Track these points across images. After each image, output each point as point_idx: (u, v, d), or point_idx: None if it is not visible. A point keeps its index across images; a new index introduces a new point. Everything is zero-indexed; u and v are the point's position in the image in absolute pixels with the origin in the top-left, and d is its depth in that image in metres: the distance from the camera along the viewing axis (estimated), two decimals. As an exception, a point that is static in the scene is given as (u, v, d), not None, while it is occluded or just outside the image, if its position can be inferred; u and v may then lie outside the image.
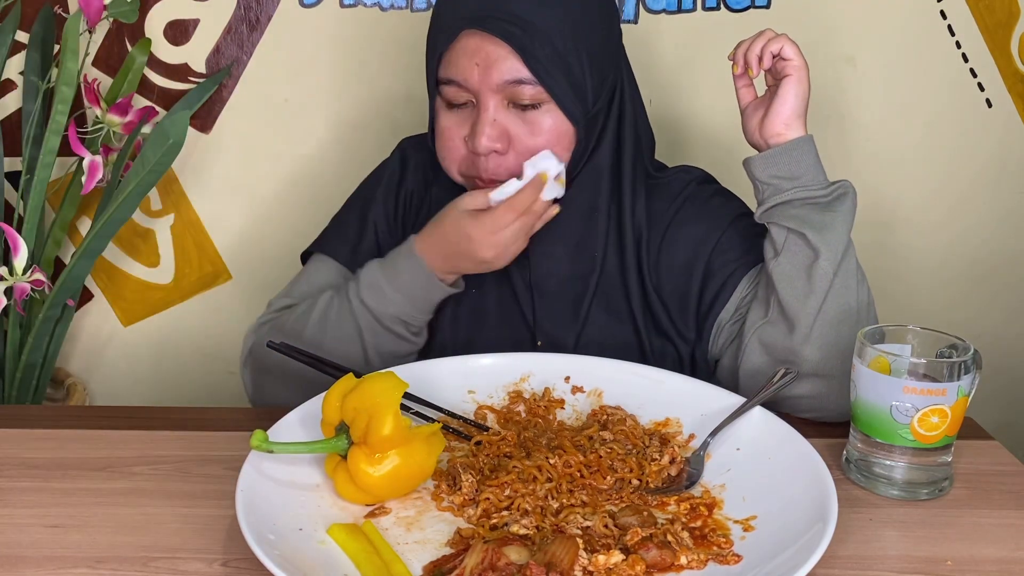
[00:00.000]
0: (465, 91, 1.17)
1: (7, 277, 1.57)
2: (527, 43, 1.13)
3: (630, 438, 1.03)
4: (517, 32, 1.13)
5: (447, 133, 1.20)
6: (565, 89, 1.16)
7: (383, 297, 1.19)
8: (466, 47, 1.15)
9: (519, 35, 1.13)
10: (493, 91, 1.15)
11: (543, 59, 1.14)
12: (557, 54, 1.14)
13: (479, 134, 1.16)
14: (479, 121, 1.16)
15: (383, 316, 1.20)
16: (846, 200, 1.14)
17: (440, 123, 1.21)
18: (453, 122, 1.20)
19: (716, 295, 1.23)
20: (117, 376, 1.96)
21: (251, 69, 1.80)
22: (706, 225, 1.26)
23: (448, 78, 1.17)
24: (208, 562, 0.87)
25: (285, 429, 1.00)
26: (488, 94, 1.15)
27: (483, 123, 1.16)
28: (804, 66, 1.16)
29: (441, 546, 0.88)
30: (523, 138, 1.17)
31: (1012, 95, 1.85)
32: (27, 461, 1.03)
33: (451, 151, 1.21)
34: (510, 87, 1.15)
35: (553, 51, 1.14)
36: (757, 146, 1.20)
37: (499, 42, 1.13)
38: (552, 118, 1.17)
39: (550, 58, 1.14)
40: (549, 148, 1.18)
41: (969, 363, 0.97)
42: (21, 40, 1.75)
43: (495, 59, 1.14)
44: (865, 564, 0.88)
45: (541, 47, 1.13)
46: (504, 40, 1.13)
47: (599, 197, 1.24)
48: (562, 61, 1.15)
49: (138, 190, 1.59)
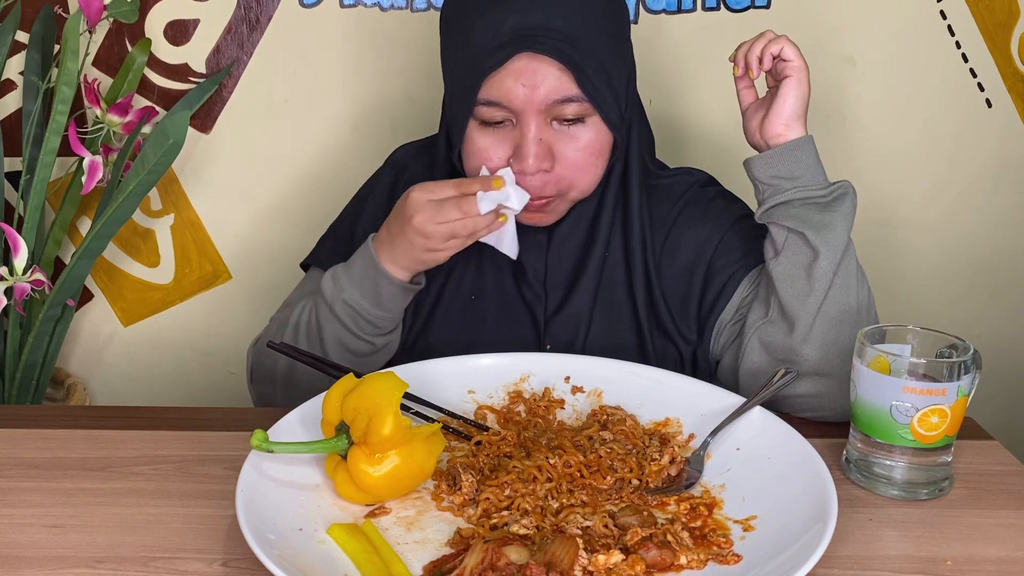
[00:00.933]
0: (505, 110, 1.14)
1: (7, 277, 1.57)
2: (578, 60, 1.11)
3: (630, 438, 1.03)
4: (567, 49, 1.11)
5: (484, 153, 1.16)
6: (609, 100, 1.15)
7: (337, 284, 1.18)
8: (514, 69, 1.12)
9: (569, 52, 1.11)
10: (538, 111, 1.13)
11: (591, 74, 1.12)
12: (602, 66, 1.13)
13: (527, 155, 1.13)
14: (525, 142, 1.13)
15: (335, 302, 1.18)
16: (846, 200, 1.15)
17: (475, 143, 1.17)
18: (490, 142, 1.16)
19: (717, 296, 1.23)
20: (117, 376, 1.96)
21: (251, 69, 1.80)
22: (708, 227, 1.26)
23: (490, 99, 1.14)
24: (208, 562, 0.87)
25: (285, 429, 1.00)
26: (532, 114, 1.13)
27: (529, 143, 1.13)
28: (804, 67, 1.16)
29: (441, 546, 0.88)
30: (566, 153, 1.16)
31: (1012, 95, 1.85)
32: (27, 461, 1.03)
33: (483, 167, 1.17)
34: (556, 106, 1.13)
35: (598, 64, 1.13)
36: (757, 147, 1.20)
37: (550, 62, 1.11)
38: (592, 131, 1.16)
39: (596, 72, 1.13)
40: (591, 159, 1.16)
41: (969, 363, 0.97)
42: (21, 40, 1.75)
43: (543, 78, 1.11)
44: (865, 564, 0.88)
45: (588, 62, 1.12)
46: (556, 59, 1.11)
47: (606, 198, 1.24)
48: (605, 73, 1.14)
49: (138, 190, 1.59)
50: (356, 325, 1.18)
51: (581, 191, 1.20)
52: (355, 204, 1.38)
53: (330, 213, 1.41)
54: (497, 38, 1.12)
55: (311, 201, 1.86)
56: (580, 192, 1.20)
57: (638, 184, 1.24)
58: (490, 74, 1.13)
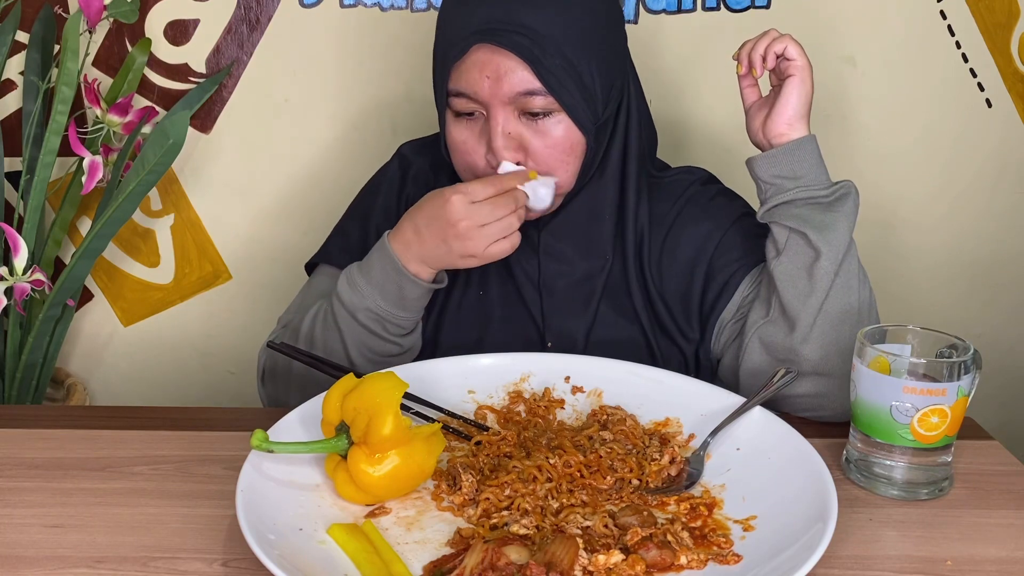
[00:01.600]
0: (475, 103, 1.16)
1: (7, 277, 1.57)
2: (538, 54, 1.12)
3: (630, 438, 1.03)
4: (526, 43, 1.12)
5: (462, 147, 1.19)
6: (576, 99, 1.15)
7: (357, 291, 1.18)
8: (476, 60, 1.14)
9: (529, 46, 1.12)
10: (504, 103, 1.14)
11: (554, 69, 1.13)
12: (568, 63, 1.13)
13: (497, 148, 1.15)
14: (494, 135, 1.15)
15: (357, 310, 1.17)
16: (848, 200, 1.14)
17: (453, 135, 1.20)
18: (465, 135, 1.18)
19: (718, 295, 1.23)
20: (117, 376, 1.96)
21: (251, 69, 1.80)
22: (709, 225, 1.26)
23: (458, 90, 1.16)
24: (208, 562, 0.87)
25: (285, 429, 1.00)
26: (498, 106, 1.14)
27: (496, 135, 1.15)
28: (808, 66, 1.16)
29: (441, 546, 0.88)
30: (536, 147, 1.16)
31: (1012, 95, 1.85)
32: (27, 461, 1.03)
33: (469, 167, 1.20)
34: (521, 98, 1.14)
35: (564, 61, 1.13)
36: (760, 146, 1.20)
37: (509, 54, 1.12)
38: (563, 127, 1.16)
39: (561, 68, 1.13)
40: (562, 156, 1.17)
41: (969, 363, 0.97)
42: (21, 40, 1.75)
43: (505, 71, 1.13)
44: (865, 564, 0.88)
45: (552, 57, 1.12)
46: (514, 52, 1.12)
47: (605, 199, 1.24)
48: (573, 70, 1.14)
49: (138, 190, 1.59)
50: (384, 329, 1.18)
51: (556, 186, 1.19)
52: (363, 200, 1.37)
53: (330, 213, 1.41)
54: (463, 29, 1.14)
55: (311, 201, 1.86)
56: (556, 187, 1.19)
57: (635, 185, 1.24)
58: (454, 64, 1.15)
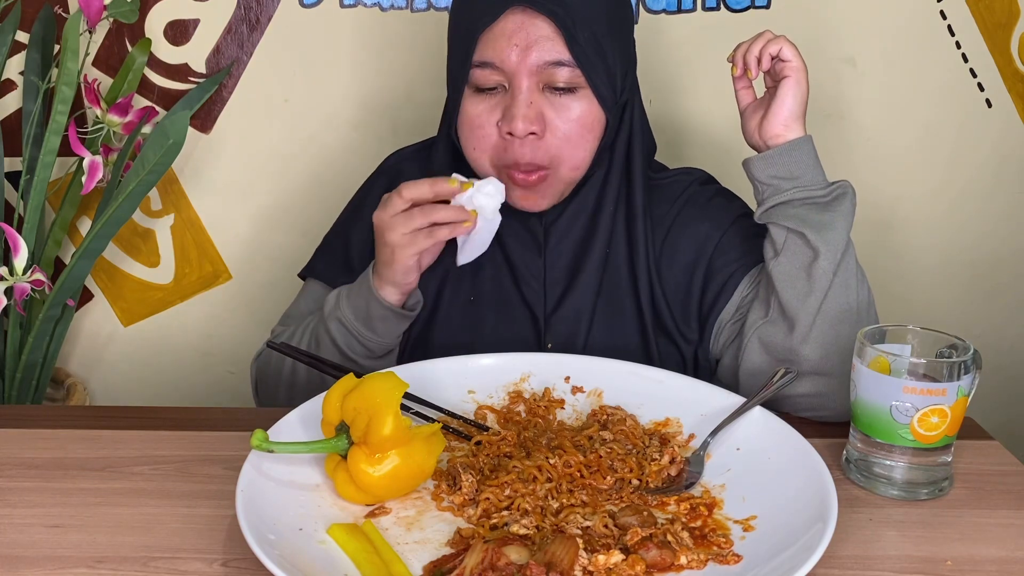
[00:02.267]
0: (499, 73, 1.15)
1: (7, 277, 1.57)
2: (570, 25, 1.13)
3: (630, 438, 1.03)
4: (561, 13, 1.12)
5: (477, 120, 1.18)
6: (601, 75, 1.15)
7: (338, 304, 1.19)
8: (507, 27, 1.13)
9: (563, 16, 1.12)
10: (530, 73, 1.14)
11: (583, 42, 1.13)
12: (595, 39, 1.14)
13: (516, 116, 1.14)
14: (515, 103, 1.14)
15: (330, 319, 1.19)
16: (845, 200, 1.15)
17: (467, 110, 1.18)
18: (482, 108, 1.17)
19: (717, 295, 1.23)
20: (117, 376, 1.96)
21: (251, 69, 1.80)
22: (707, 225, 1.26)
23: (484, 60, 1.15)
24: (208, 562, 0.87)
25: (285, 429, 1.00)
26: (523, 76, 1.14)
27: (520, 104, 1.14)
28: (803, 67, 1.16)
29: (441, 546, 0.88)
30: (556, 123, 1.16)
31: (1012, 95, 1.85)
32: (27, 461, 1.03)
33: (482, 139, 1.18)
34: (548, 69, 1.14)
35: (592, 35, 1.14)
36: (756, 147, 1.20)
37: (543, 21, 1.13)
38: (584, 104, 1.16)
39: (589, 42, 1.14)
40: (582, 132, 1.17)
41: (969, 363, 0.97)
42: (21, 40, 1.75)
43: (536, 39, 1.13)
44: (865, 564, 0.88)
45: (582, 31, 1.13)
46: (550, 18, 1.12)
47: (606, 196, 1.24)
48: (599, 47, 1.15)
49: (138, 190, 1.59)
50: (347, 345, 1.18)
51: (571, 167, 1.19)
52: (349, 214, 1.37)
53: (330, 213, 1.41)
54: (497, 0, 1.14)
55: (311, 201, 1.86)
56: (570, 168, 1.19)
57: (641, 181, 1.24)
58: (484, 31, 1.14)
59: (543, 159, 1.17)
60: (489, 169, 1.20)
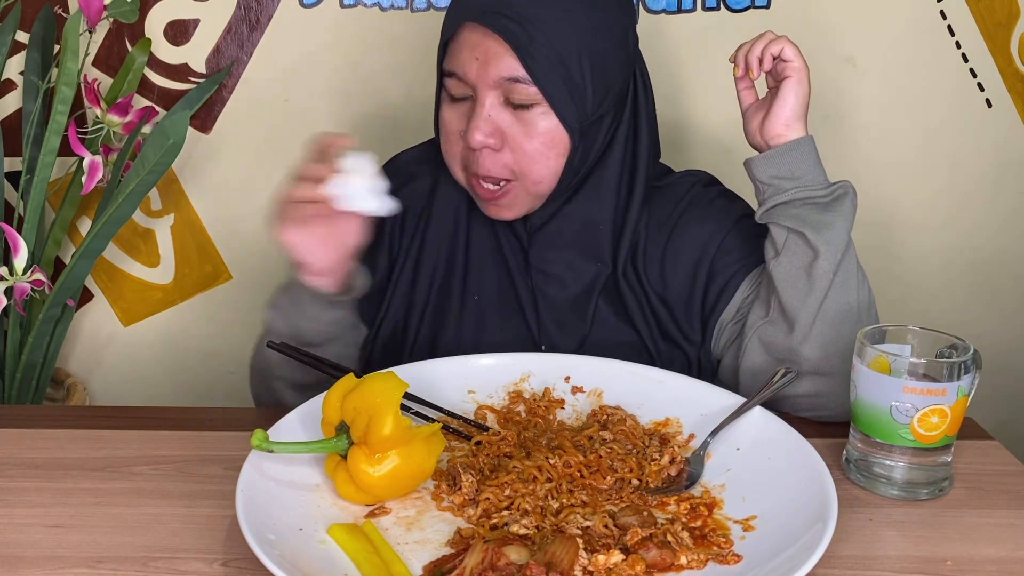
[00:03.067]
0: (465, 84, 1.16)
1: (7, 277, 1.57)
2: (525, 42, 1.12)
3: (630, 438, 1.03)
4: (516, 29, 1.12)
5: (447, 127, 1.20)
6: (562, 93, 1.14)
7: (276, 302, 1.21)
8: (467, 40, 1.15)
9: (518, 33, 1.12)
10: (490, 86, 1.14)
11: (541, 60, 1.13)
12: (556, 56, 1.13)
13: (473, 128, 1.15)
14: (474, 115, 1.16)
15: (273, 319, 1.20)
16: (846, 200, 1.15)
17: (442, 116, 1.21)
18: (452, 116, 1.19)
19: (719, 295, 1.23)
20: (117, 376, 1.96)
21: (251, 69, 1.80)
22: (710, 227, 1.25)
23: (450, 70, 1.17)
24: (208, 562, 0.87)
25: (285, 429, 1.00)
26: (485, 89, 1.15)
27: (478, 118, 1.15)
28: (804, 67, 1.16)
29: (441, 546, 0.88)
30: (518, 138, 1.16)
31: (1012, 95, 1.85)
32: (27, 461, 1.03)
33: (452, 145, 1.21)
34: (507, 84, 1.14)
35: (552, 53, 1.13)
36: (758, 147, 1.20)
37: (497, 38, 1.13)
38: (547, 121, 1.16)
39: (548, 59, 1.13)
40: (543, 151, 1.16)
41: (969, 363, 0.97)
42: (21, 40, 1.75)
43: (493, 55, 1.13)
44: (865, 564, 0.88)
45: (540, 48, 1.12)
46: (502, 36, 1.12)
47: (605, 208, 1.23)
48: (561, 65, 1.13)
49: (138, 190, 1.59)
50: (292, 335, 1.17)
51: (534, 181, 1.18)
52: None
53: (330, 213, 1.41)
54: (457, 10, 1.16)
55: (311, 201, 1.86)
56: (533, 183, 1.19)
57: (641, 197, 1.24)
58: (450, 42, 1.17)
59: (503, 172, 1.17)
60: (459, 175, 1.22)
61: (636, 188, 1.24)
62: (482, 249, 1.26)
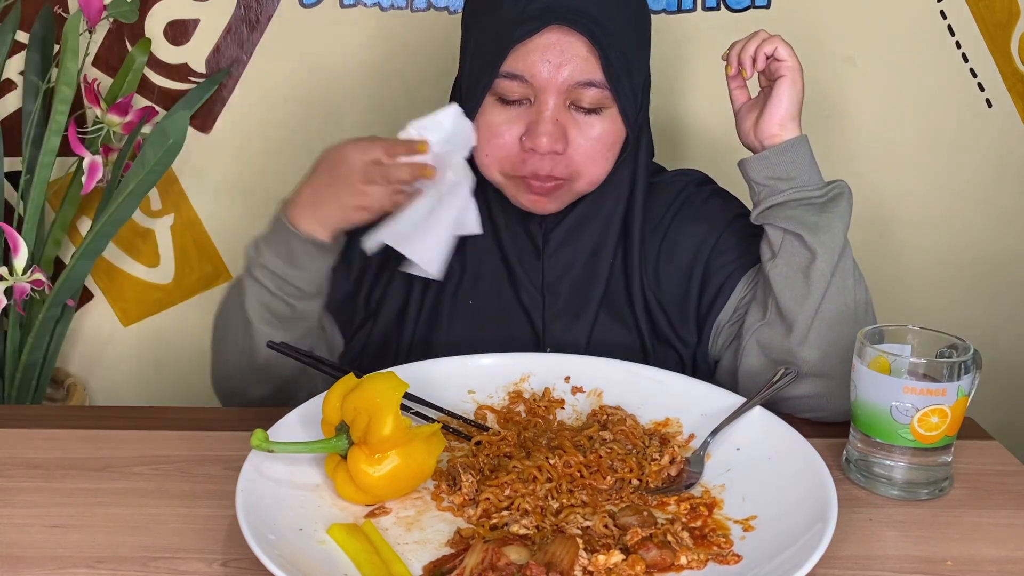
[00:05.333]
0: (527, 87, 1.13)
1: (7, 277, 1.57)
2: (605, 45, 1.12)
3: (630, 438, 1.03)
4: (597, 32, 1.11)
5: (496, 129, 1.16)
6: (628, 94, 1.15)
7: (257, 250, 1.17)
8: (542, 42, 1.12)
9: (599, 35, 1.11)
10: (559, 91, 1.13)
11: (615, 62, 1.12)
12: (625, 58, 1.13)
13: (541, 134, 1.12)
14: (540, 120, 1.13)
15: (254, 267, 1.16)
16: (842, 200, 1.14)
17: (488, 118, 1.16)
18: (503, 119, 1.15)
19: (715, 296, 1.23)
20: (117, 376, 1.96)
21: (251, 69, 1.80)
22: (704, 227, 1.25)
23: (513, 72, 1.13)
24: (208, 562, 0.87)
25: (285, 429, 1.00)
26: (552, 93, 1.13)
27: (545, 122, 1.13)
28: (798, 67, 1.16)
29: (441, 546, 0.88)
30: (578, 139, 1.15)
31: (1012, 95, 1.85)
32: (27, 461, 1.03)
33: (498, 148, 1.16)
34: (577, 89, 1.13)
35: (622, 55, 1.13)
36: (752, 147, 1.20)
37: (579, 39, 1.11)
38: (607, 123, 1.15)
39: (619, 62, 1.13)
40: (602, 151, 1.16)
41: (969, 363, 0.97)
42: (21, 40, 1.75)
43: (570, 57, 1.11)
44: (865, 564, 0.88)
45: (614, 50, 1.12)
46: (587, 37, 1.11)
47: (607, 203, 1.23)
48: (628, 66, 1.14)
49: (138, 190, 1.59)
50: (278, 287, 1.15)
51: (588, 182, 1.19)
52: None
53: (330, 213, 1.41)
54: (528, 11, 1.12)
55: (311, 201, 1.86)
56: (587, 183, 1.19)
57: (643, 192, 1.24)
58: (517, 45, 1.12)
59: (562, 173, 1.16)
60: (495, 177, 1.19)
61: (639, 184, 1.24)
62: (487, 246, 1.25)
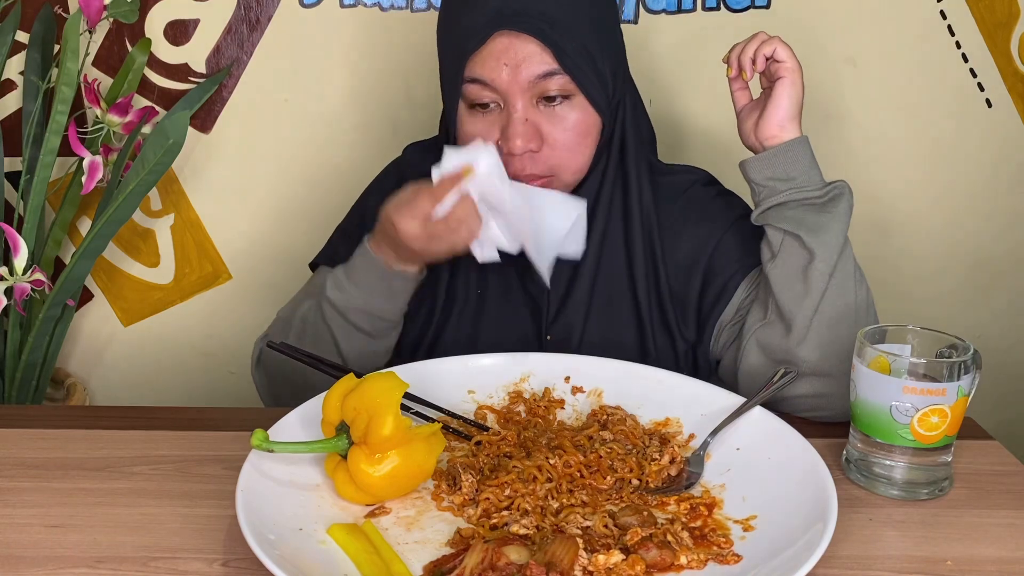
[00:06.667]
0: (491, 91, 1.16)
1: (7, 277, 1.57)
2: (556, 38, 1.13)
3: (630, 438, 1.03)
4: (547, 29, 1.13)
5: (473, 137, 1.18)
6: (592, 80, 1.16)
7: (345, 292, 1.20)
8: (496, 48, 1.14)
9: (549, 32, 1.13)
10: (522, 90, 1.15)
11: (571, 52, 1.14)
12: (584, 48, 1.15)
13: (513, 136, 1.15)
14: (511, 123, 1.16)
15: (347, 311, 1.20)
16: (841, 201, 1.14)
17: (466, 128, 1.20)
18: (480, 127, 1.18)
19: (717, 297, 1.23)
20: (117, 376, 1.96)
21: (251, 69, 1.81)
22: (707, 227, 1.26)
23: (475, 77, 1.16)
24: (208, 562, 0.87)
25: (285, 429, 1.00)
26: (517, 94, 1.15)
27: (516, 123, 1.15)
28: (798, 68, 1.16)
29: (441, 546, 0.88)
30: (553, 134, 1.17)
31: (1012, 95, 1.85)
32: (27, 461, 1.03)
33: None
34: (540, 82, 1.14)
35: (580, 44, 1.15)
36: (753, 148, 1.20)
37: (530, 40, 1.13)
38: (579, 111, 1.17)
39: (577, 51, 1.14)
40: (578, 139, 1.18)
41: (969, 363, 0.97)
42: (21, 40, 1.75)
43: (525, 56, 1.14)
44: (865, 564, 0.88)
45: (569, 42, 1.14)
46: (536, 37, 1.13)
47: (603, 190, 1.24)
48: (588, 54, 1.15)
49: (138, 190, 1.59)
50: (372, 325, 1.20)
51: (572, 172, 1.20)
52: (362, 201, 1.37)
53: (330, 213, 1.41)
54: (479, 19, 1.15)
55: (311, 201, 1.86)
56: (572, 174, 1.20)
57: (636, 171, 1.24)
58: (473, 54, 1.15)
59: (543, 170, 1.18)
60: None
61: (631, 170, 1.24)
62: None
